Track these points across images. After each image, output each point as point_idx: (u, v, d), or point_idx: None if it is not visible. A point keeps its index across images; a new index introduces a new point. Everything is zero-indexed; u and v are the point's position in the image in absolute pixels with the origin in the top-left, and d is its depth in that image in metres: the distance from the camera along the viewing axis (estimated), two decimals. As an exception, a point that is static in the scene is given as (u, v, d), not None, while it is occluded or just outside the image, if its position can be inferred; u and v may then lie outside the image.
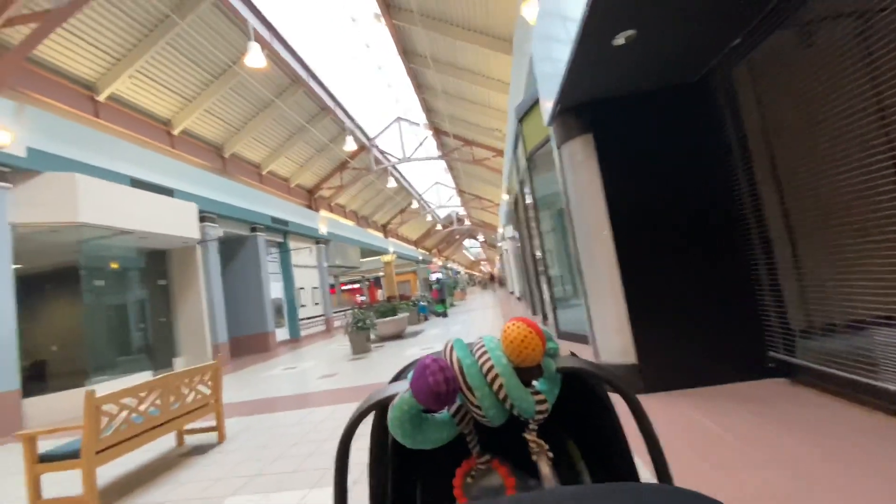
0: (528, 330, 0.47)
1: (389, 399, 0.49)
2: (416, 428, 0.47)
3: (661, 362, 3.62)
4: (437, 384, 0.44)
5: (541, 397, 0.48)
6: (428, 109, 15.24)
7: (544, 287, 8.26)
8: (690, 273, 3.67)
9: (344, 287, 40.60)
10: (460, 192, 26.40)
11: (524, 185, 8.47)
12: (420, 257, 32.48)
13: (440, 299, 15.09)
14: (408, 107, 16.23)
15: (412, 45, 11.45)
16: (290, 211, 14.04)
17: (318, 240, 16.09)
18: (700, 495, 0.33)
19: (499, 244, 27.94)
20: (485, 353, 0.48)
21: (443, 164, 20.72)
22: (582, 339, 5.90)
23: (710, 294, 3.64)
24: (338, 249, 18.79)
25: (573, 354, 0.56)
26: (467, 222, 34.20)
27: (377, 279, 34.56)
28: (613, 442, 0.54)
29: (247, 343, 12.02)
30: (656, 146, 3.79)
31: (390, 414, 0.48)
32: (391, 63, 15.68)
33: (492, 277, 42.53)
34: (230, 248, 12.26)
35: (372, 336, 10.41)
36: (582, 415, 0.57)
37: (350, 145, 13.79)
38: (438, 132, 16.89)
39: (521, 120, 7.18)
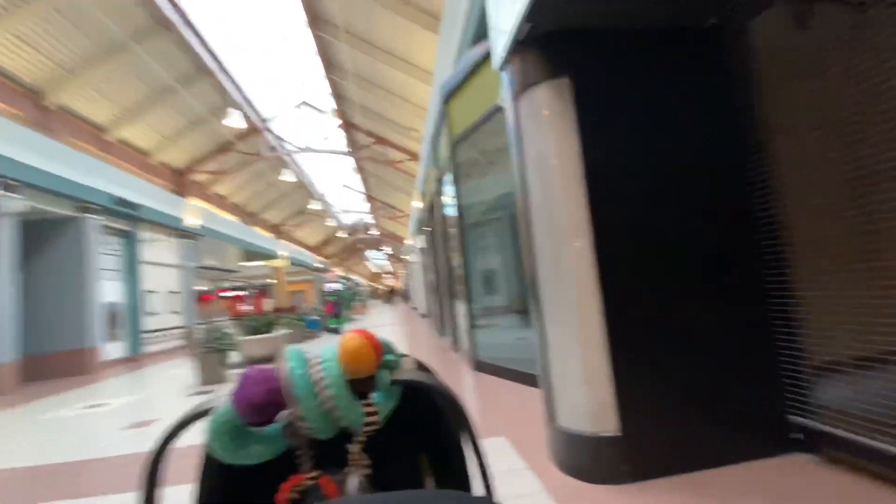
0: (363, 341, 0.47)
1: (207, 410, 0.47)
2: (237, 442, 0.45)
3: (654, 433, 2.29)
4: (258, 395, 0.43)
5: (372, 409, 0.47)
6: (338, 95, 13.30)
7: (460, 305, 6.81)
8: (697, 302, 2.42)
9: (224, 294, 35.76)
10: (369, 198, 24.44)
11: (443, 184, 7.02)
12: (318, 265, 29.56)
13: (335, 313, 12.95)
14: (315, 91, 14.09)
15: (323, 10, 9.57)
16: (144, 192, 10.98)
17: (184, 233, 13.01)
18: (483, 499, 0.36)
19: (406, 256, 26.40)
20: (319, 363, 0.47)
21: (352, 163, 18.71)
22: (515, 376, 4.48)
23: (719, 332, 2.41)
24: (213, 248, 15.65)
25: (422, 367, 0.56)
26: (374, 231, 32.17)
27: (266, 287, 30.66)
28: (453, 455, 0.53)
29: (53, 363, 8.75)
30: (660, 115, 2.53)
31: (208, 426, 0.45)
32: (299, 35, 13.48)
33: (392, 291, 40.86)
34: (41, 231, 8.97)
35: (236, 358, 8.05)
36: (432, 428, 0.55)
37: (236, 122, 11.28)
38: (349, 125, 14.96)
39: (448, 99, 5.75)
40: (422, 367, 0.58)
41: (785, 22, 2.74)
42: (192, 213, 13.17)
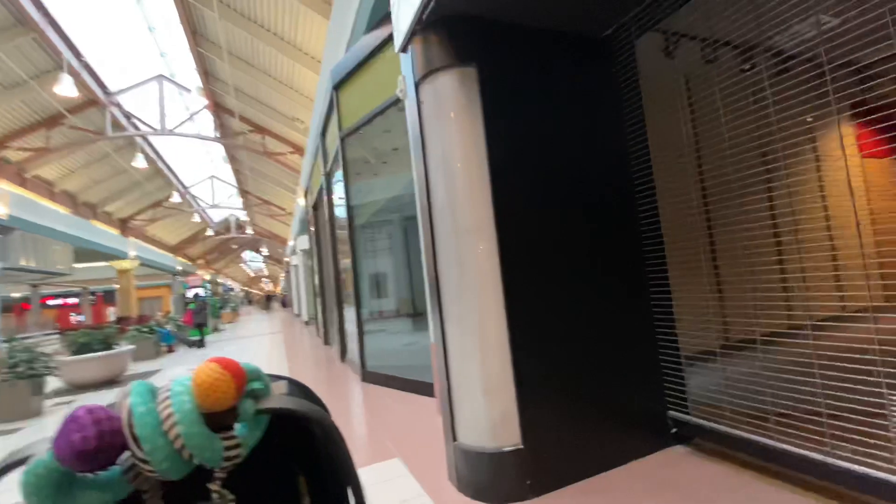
0: (221, 372, 0.42)
1: (23, 459, 0.41)
2: (63, 493, 0.39)
3: (553, 442, 2.22)
4: (85, 441, 0.37)
5: (233, 442, 0.43)
6: (206, 73, 11.68)
7: (348, 311, 6.34)
8: (591, 304, 2.43)
9: (49, 302, 29.35)
10: (243, 193, 22.12)
11: (333, 176, 6.49)
12: (179, 267, 25.83)
13: (197, 323, 11.26)
14: (179, 65, 12.19)
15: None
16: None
17: (-17, 224, 10.16)
18: None
19: (287, 258, 24.49)
20: (168, 397, 0.42)
21: (222, 151, 16.69)
22: (408, 385, 4.20)
23: (611, 334, 2.46)
24: (31, 244, 12.55)
25: (298, 388, 0.55)
26: (250, 230, 29.29)
27: (110, 292, 26.10)
28: (329, 476, 0.52)
29: None
30: (558, 117, 2.51)
31: (23, 478, 0.39)
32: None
33: (268, 297, 37.56)
34: None
35: (56, 384, 6.46)
36: (308, 451, 0.54)
37: (68, 89, 9.16)
38: (219, 108, 13.27)
39: (339, 85, 5.29)
40: (298, 388, 0.56)
41: (657, 46, 2.96)
42: (-2, 199, 10.36)
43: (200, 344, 11.12)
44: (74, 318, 30.05)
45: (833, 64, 1.75)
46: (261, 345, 10.56)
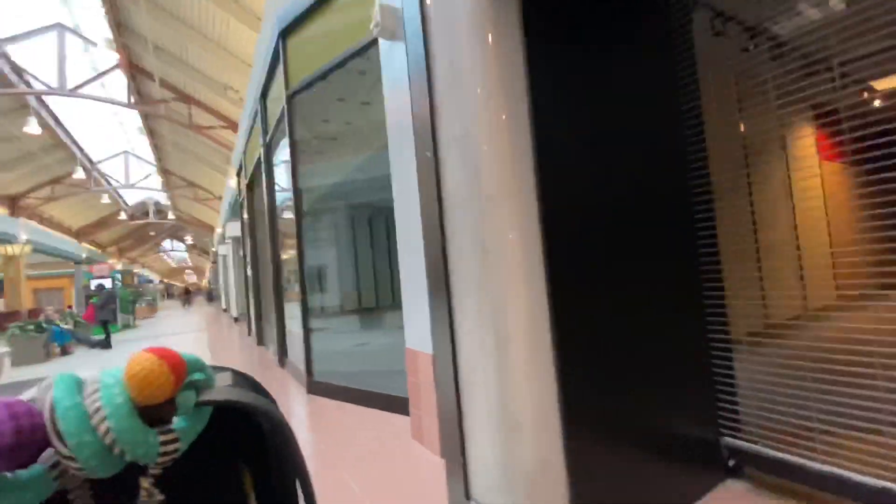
0: (158, 362, 0.40)
1: None
2: None
3: (608, 495, 1.59)
4: (1, 436, 0.34)
5: (170, 437, 0.41)
6: (118, 24, 9.91)
7: (292, 307, 5.39)
8: (644, 300, 1.83)
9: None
10: (164, 172, 19.72)
11: (275, 147, 5.49)
12: (84, 255, 22.63)
13: (101, 320, 9.53)
14: (84, 15, 10.25)
15: None
16: None
17: None
18: None
19: (214, 248, 22.26)
20: (97, 390, 0.39)
21: (138, 122, 14.57)
22: (364, 398, 3.41)
23: (663, 341, 1.89)
24: None
25: (244, 379, 0.51)
26: (171, 216, 26.44)
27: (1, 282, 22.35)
28: (274, 471, 0.50)
29: None
30: (611, 65, 1.87)
31: None
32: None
33: (187, 290, 34.70)
34: None
35: None
36: (253, 444, 0.50)
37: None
38: (135, 69, 11.41)
39: (286, 32, 4.35)
40: (244, 379, 0.51)
41: (707, 24, 2.48)
42: None
43: (105, 344, 9.42)
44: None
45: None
46: (182, 346, 9.14)
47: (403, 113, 2.36)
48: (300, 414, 3.52)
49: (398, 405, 3.14)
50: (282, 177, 5.64)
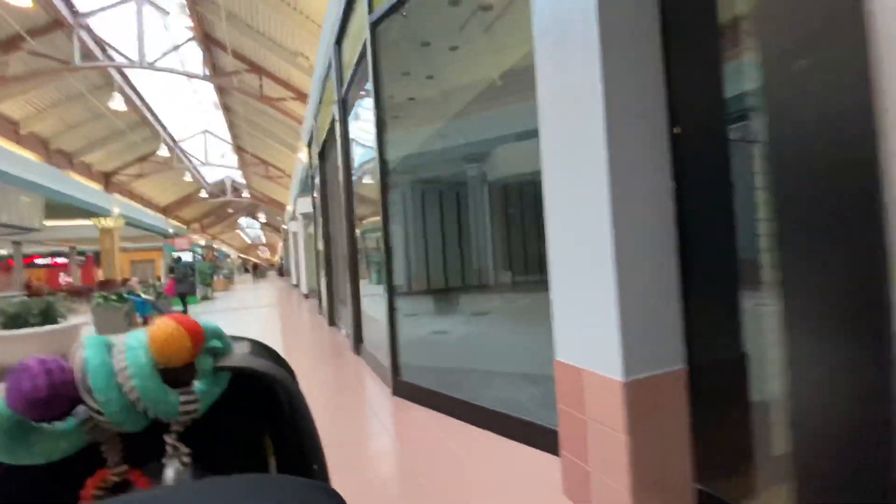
0: (176, 327, 0.43)
1: None
2: (18, 441, 0.40)
3: None
4: (36, 390, 0.38)
5: (190, 398, 0.43)
6: (193, -10, 9.67)
7: (371, 288, 4.70)
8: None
9: (35, 261, 27.74)
10: (239, 150, 20.19)
11: (349, 105, 4.72)
12: (171, 230, 24.10)
13: (179, 292, 9.61)
14: (160, -13, 10.15)
15: None
16: None
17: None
18: (320, 485, 0.36)
19: (285, 225, 22.73)
20: (122, 351, 0.42)
21: (213, 97, 14.70)
22: (488, 420, 2.54)
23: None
24: (-11, 193, 10.76)
25: (264, 349, 0.53)
26: (246, 194, 27.46)
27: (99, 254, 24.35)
28: (291, 437, 0.51)
29: None
30: None
31: None
32: None
33: (256, 266, 38.48)
34: None
35: None
36: (271, 411, 0.52)
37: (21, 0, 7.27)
38: (209, 39, 11.27)
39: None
40: (263, 349, 0.54)
41: None
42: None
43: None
44: (63, 279, 28.64)
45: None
46: (254, 320, 8.96)
47: (586, 64, 1.42)
48: (388, 426, 2.75)
49: (520, 431, 2.26)
50: (358, 138, 4.89)
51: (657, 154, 1.56)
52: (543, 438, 2.10)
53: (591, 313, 1.57)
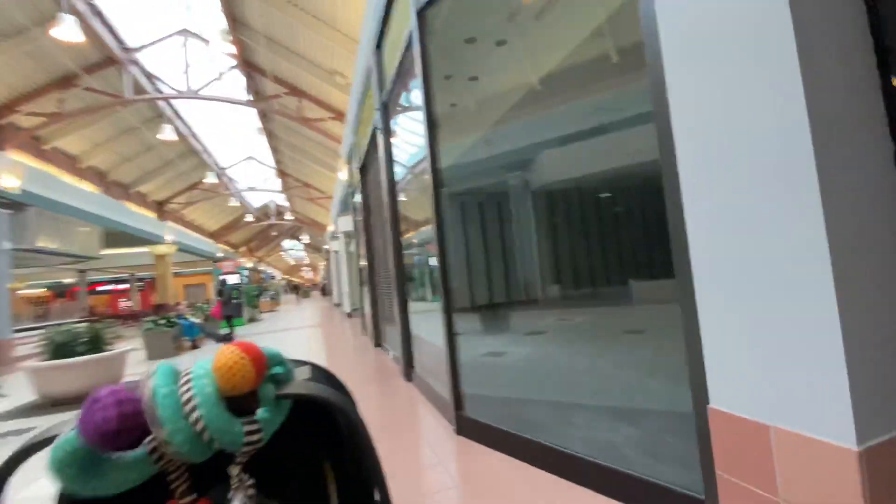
0: (241, 355, 0.43)
1: (50, 438, 0.42)
2: (89, 472, 0.40)
3: None
4: (107, 421, 0.38)
5: (254, 427, 0.43)
6: (233, 18, 9.88)
7: (413, 303, 4.27)
8: None
9: (97, 289, 29.48)
10: (281, 174, 20.67)
11: (392, 110, 4.39)
12: (220, 254, 24.94)
13: (226, 315, 9.60)
14: (203, 18, 10.49)
15: None
16: None
17: (-11, 198, 8.85)
18: None
19: (326, 245, 22.97)
20: (189, 380, 0.42)
21: (256, 123, 15.06)
22: (587, 475, 2.00)
23: None
24: (52, 224, 11.33)
25: (322, 373, 0.53)
26: (288, 216, 28.14)
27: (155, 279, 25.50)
28: (351, 464, 0.51)
29: None
30: None
31: (50, 458, 0.40)
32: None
33: (296, 286, 40.25)
34: None
35: (25, 398, 4.85)
36: (331, 437, 0.52)
37: (69, 32, 7.59)
38: (250, 66, 11.52)
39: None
40: (322, 373, 0.53)
41: None
42: (7, 169, 9.03)
43: (229, 338, 9.47)
44: (124, 304, 30.26)
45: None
46: (298, 342, 8.76)
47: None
48: (454, 477, 2.26)
49: (639, 493, 1.71)
50: (399, 150, 4.55)
51: (870, 109, 1.04)
52: (678, 509, 1.54)
53: (789, 346, 1.04)
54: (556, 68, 5.16)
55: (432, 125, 3.04)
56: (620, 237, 7.32)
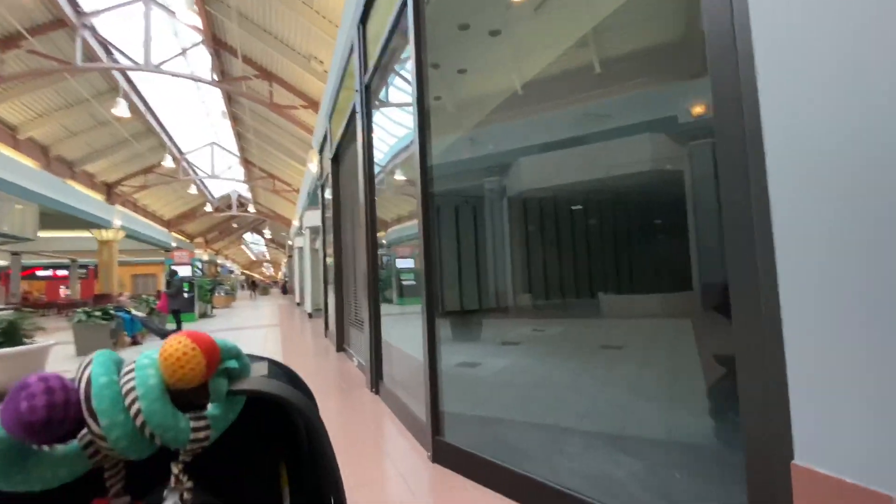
0: (190, 345, 0.39)
1: None
2: (13, 465, 0.37)
3: None
4: (33, 411, 0.34)
5: (201, 423, 0.40)
6: (203, -10, 9.19)
7: (389, 312, 3.89)
8: None
9: (35, 274, 27.19)
10: (246, 163, 19.68)
11: (374, 95, 4.01)
12: (174, 244, 23.45)
13: (172, 309, 8.80)
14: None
15: None
16: None
17: None
18: None
19: (290, 241, 22.06)
20: (131, 371, 0.39)
21: (221, 105, 14.20)
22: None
23: None
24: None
25: (281, 370, 0.48)
26: (252, 209, 26.94)
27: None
28: (307, 466, 0.48)
29: None
30: None
31: None
32: None
33: (253, 283, 39.15)
34: None
35: None
36: (286, 438, 0.49)
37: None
38: (218, 43, 10.78)
39: None
40: (282, 370, 0.48)
41: None
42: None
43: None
44: (64, 291, 28.01)
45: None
46: (252, 341, 8.12)
47: None
48: (432, 517, 1.89)
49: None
50: (383, 132, 4.17)
51: None
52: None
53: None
54: (544, 72, 4.95)
55: (423, 119, 2.69)
56: (592, 250, 7.23)
